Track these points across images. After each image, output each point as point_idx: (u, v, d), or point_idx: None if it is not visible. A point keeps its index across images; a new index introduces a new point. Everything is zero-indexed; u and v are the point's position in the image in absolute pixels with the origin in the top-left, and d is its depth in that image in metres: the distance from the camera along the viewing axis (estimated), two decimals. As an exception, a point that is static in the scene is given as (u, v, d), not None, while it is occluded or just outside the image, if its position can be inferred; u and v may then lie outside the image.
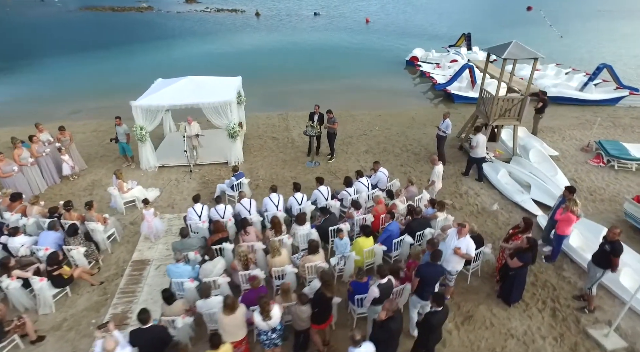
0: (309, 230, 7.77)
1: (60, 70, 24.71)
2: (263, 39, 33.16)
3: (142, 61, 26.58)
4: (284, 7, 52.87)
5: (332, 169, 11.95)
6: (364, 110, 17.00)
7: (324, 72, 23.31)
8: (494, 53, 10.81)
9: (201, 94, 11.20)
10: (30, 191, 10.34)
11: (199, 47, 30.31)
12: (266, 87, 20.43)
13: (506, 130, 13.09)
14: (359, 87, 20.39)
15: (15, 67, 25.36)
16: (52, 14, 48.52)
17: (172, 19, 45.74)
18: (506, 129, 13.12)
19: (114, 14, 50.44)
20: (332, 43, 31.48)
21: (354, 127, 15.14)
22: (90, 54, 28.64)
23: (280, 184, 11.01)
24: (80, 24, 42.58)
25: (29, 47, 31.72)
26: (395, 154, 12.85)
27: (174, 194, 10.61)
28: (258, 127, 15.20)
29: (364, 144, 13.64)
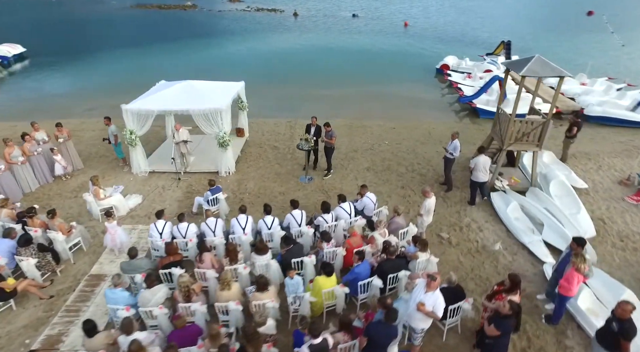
0: (268, 261, 7.03)
1: (96, 65, 25.60)
2: (295, 40, 32.72)
3: (174, 59, 27.00)
4: (323, 7, 52.26)
5: (325, 186, 11.11)
6: (379, 121, 15.95)
7: (348, 76, 22.40)
8: (512, 68, 9.47)
9: (193, 99, 10.76)
10: (19, 189, 10.41)
11: (231, 47, 30.40)
12: (283, 90, 19.91)
13: (529, 154, 11.59)
14: (380, 95, 19.31)
15: (57, 62, 26.59)
16: (105, 11, 51.05)
17: (213, 17, 46.57)
18: (530, 153, 11.62)
19: (160, 11, 52.23)
20: (364, 46, 30.41)
21: (362, 139, 14.16)
22: (128, 50, 29.46)
23: (267, 200, 10.37)
24: (129, 20, 44.39)
25: (75, 42, 33.34)
26: (398, 174, 11.77)
27: (156, 203, 10.26)
28: (262, 134, 14.64)
29: (368, 159, 12.65)
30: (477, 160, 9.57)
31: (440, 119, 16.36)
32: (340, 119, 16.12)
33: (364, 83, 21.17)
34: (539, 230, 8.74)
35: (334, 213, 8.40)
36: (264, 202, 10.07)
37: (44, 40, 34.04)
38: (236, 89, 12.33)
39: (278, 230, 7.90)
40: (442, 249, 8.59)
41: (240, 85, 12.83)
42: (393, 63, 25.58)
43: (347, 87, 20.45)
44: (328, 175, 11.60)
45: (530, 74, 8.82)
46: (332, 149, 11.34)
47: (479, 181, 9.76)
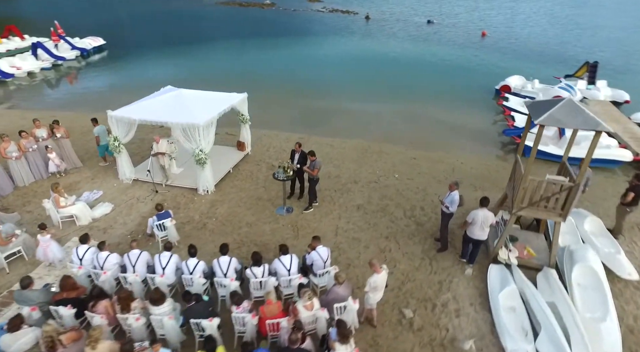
0: (166, 314, 6.07)
1: (166, 60, 27.06)
2: (354, 45, 31.33)
3: (231, 58, 27.58)
4: (398, 11, 49.81)
5: (299, 223, 9.82)
6: (401, 147, 14.09)
7: (391, 90, 20.54)
8: (530, 112, 7.23)
9: (176, 111, 10.21)
10: (10, 183, 10.82)
11: (285, 49, 30.13)
12: (311, 100, 18.83)
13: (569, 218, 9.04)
14: (416, 116, 17.24)
15: (132, 55, 28.68)
16: (192, 7, 54.50)
17: (286, 16, 47.04)
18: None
19: (240, 8, 54.31)
20: (424, 56, 27.95)
21: (371, 168, 12.51)
22: (199, 46, 30.83)
23: (231, 229, 9.48)
24: (209, 16, 46.79)
25: (154, 37, 35.85)
26: (392, 219, 10.01)
27: (123, 216, 9.91)
28: (267, 149, 13.74)
29: (365, 195, 11.04)
30: (476, 214, 7.66)
31: (476, 153, 13.91)
32: (357, 139, 14.60)
33: (404, 100, 19.17)
34: (536, 333, 6.54)
35: (272, 267, 7.15)
36: (227, 231, 9.40)
37: (125, 34, 37.24)
38: (232, 102, 11.56)
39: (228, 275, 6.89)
40: (396, 332, 6.86)
41: (240, 97, 12.06)
42: (449, 78, 22.97)
43: (382, 103, 18.67)
44: (309, 209, 10.28)
45: (550, 123, 6.61)
46: (315, 181, 10.00)
47: (474, 238, 7.82)
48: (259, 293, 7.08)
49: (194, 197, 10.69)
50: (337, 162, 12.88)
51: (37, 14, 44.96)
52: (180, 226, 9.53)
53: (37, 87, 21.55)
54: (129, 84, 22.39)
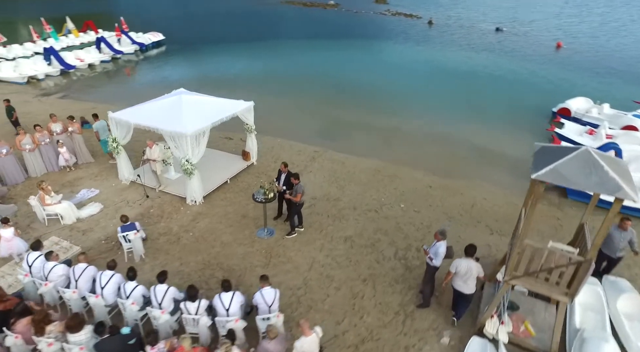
0: (81, 343, 5.69)
1: (219, 57, 27.96)
2: (405, 51, 29.66)
3: (283, 58, 27.61)
4: (466, 17, 46.47)
5: (275, 249, 9.05)
6: (420, 173, 12.70)
7: (430, 105, 18.88)
8: (535, 158, 5.72)
9: (170, 118, 9.97)
10: (22, 173, 11.38)
11: (340, 51, 29.39)
12: (340, 110, 17.89)
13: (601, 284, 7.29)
14: (449, 137, 15.53)
15: (187, 51, 29.96)
16: (256, 5, 55.93)
17: (348, 18, 46.27)
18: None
19: (304, 8, 54.54)
20: (482, 68, 25.52)
21: (377, 194, 11.35)
22: (254, 45, 31.47)
23: (204, 247, 9.03)
24: (270, 15, 47.62)
25: (213, 34, 37.18)
26: (379, 258, 8.86)
27: (107, 219, 9.90)
28: (275, 160, 13.13)
29: (360, 225, 9.95)
30: (459, 264, 6.56)
31: (505, 189, 12.03)
32: (374, 159, 13.45)
33: (441, 116, 17.47)
34: None
35: (213, 303, 6.49)
36: (199, 249, 8.95)
37: (185, 30, 38.98)
38: (234, 110, 11.10)
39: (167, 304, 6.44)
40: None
41: (244, 106, 11.58)
42: (502, 95, 20.62)
43: (416, 118, 17.15)
44: (291, 234, 9.47)
45: (552, 179, 5.14)
46: (297, 206, 9.15)
47: (458, 290, 6.61)
48: (195, 330, 6.47)
49: (181, 207, 10.41)
50: (342, 183, 11.89)
51: (121, 11, 48.93)
52: (155, 237, 9.30)
53: (90, 79, 23.11)
54: (176, 80, 23.18)
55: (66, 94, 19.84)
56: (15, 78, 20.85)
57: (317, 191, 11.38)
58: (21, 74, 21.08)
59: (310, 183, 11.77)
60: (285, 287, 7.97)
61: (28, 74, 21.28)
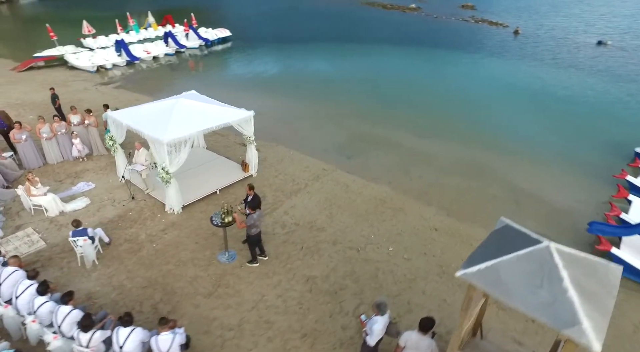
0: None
1: (284, 57, 28.02)
2: (475, 64, 26.72)
3: (342, 62, 26.91)
4: (562, 27, 40.60)
5: (227, 278, 8.29)
6: (431, 209, 11.01)
7: (473, 130, 16.42)
8: (484, 244, 4.12)
9: (156, 122, 9.75)
10: (39, 159, 12.12)
11: (399, 58, 27.64)
12: (367, 124, 16.48)
13: None
14: (484, 169, 13.31)
15: (252, 48, 30.65)
16: (335, 5, 55.55)
17: (426, 23, 43.65)
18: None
19: (384, 11, 52.77)
20: (561, 90, 21.82)
21: (367, 230, 9.99)
22: (319, 46, 31.07)
23: (159, 263, 8.64)
24: (347, 16, 46.89)
25: (283, 32, 37.58)
26: (331, 311, 7.63)
27: (87, 216, 10.01)
28: (277, 175, 12.37)
29: (331, 265, 8.77)
30: (409, 337, 5.35)
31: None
32: (383, 186, 12.04)
33: (481, 144, 15.05)
34: None
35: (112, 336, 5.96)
36: (152, 264, 8.58)
37: (255, 28, 39.89)
38: (228, 120, 10.55)
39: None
40: None
41: (242, 116, 10.97)
42: (574, 124, 17.32)
43: (449, 143, 15.00)
44: (252, 262, 8.64)
45: (481, 284, 3.61)
46: (250, 236, 8.24)
47: None
48: (89, 362, 6.00)
49: (159, 214, 10.17)
50: (335, 210, 10.72)
51: (203, 6, 52.08)
52: (120, 243, 9.15)
53: (148, 71, 24.46)
54: (226, 76, 23.78)
55: (121, 85, 21.23)
56: (87, 67, 22.90)
57: (304, 217, 10.37)
58: (93, 63, 23.09)
59: (302, 206, 10.81)
60: (217, 324, 7.22)
61: (98, 63, 23.23)
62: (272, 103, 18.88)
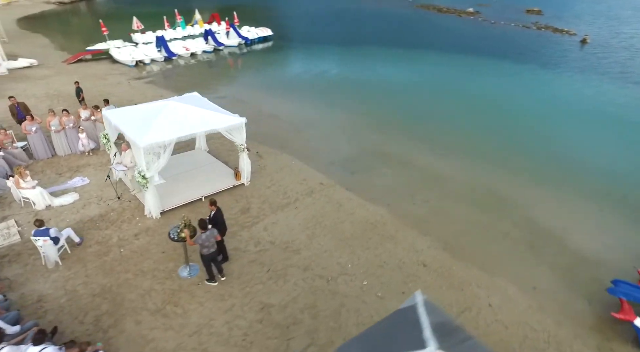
0: None
1: (320, 59, 27.66)
2: (521, 75, 24.32)
3: (384, 69, 25.88)
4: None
5: (179, 295, 7.87)
6: (425, 241, 9.86)
7: (499, 154, 14.70)
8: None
9: (141, 124, 9.59)
10: (48, 150, 12.59)
11: (442, 69, 25.97)
12: (387, 139, 15.34)
13: None
14: (502, 203, 11.73)
15: (291, 48, 30.57)
16: (387, 7, 54.01)
17: (482, 29, 40.93)
18: None
19: (438, 14, 50.38)
20: (623, 111, 19.10)
21: (346, 258, 9.11)
22: (360, 49, 30.28)
23: (117, 269, 8.45)
24: (395, 19, 45.37)
25: (324, 33, 37.13)
26: (275, 350, 6.90)
27: (70, 213, 10.11)
28: (270, 185, 11.81)
29: (293, 294, 8.04)
30: None
31: (537, 301, 8.33)
32: (379, 208, 11.05)
33: (506, 172, 13.34)
34: None
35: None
36: (113, 270, 8.39)
37: (299, 28, 39.76)
38: (216, 126, 10.16)
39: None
40: None
41: (232, 123, 10.50)
42: (628, 159, 14.93)
43: (469, 167, 13.45)
44: (211, 282, 8.15)
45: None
46: (203, 256, 7.72)
47: None
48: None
49: (137, 217, 10.03)
50: (319, 231, 9.94)
51: (257, 4, 53.01)
52: (90, 244, 9.10)
53: (182, 68, 24.98)
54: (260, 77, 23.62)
55: (153, 80, 21.86)
56: (127, 61, 23.93)
57: (282, 235, 9.72)
58: (133, 58, 24.08)
59: (284, 222, 10.16)
60: (151, 347, 6.83)
61: (137, 58, 24.18)
62: (292, 107, 18.45)
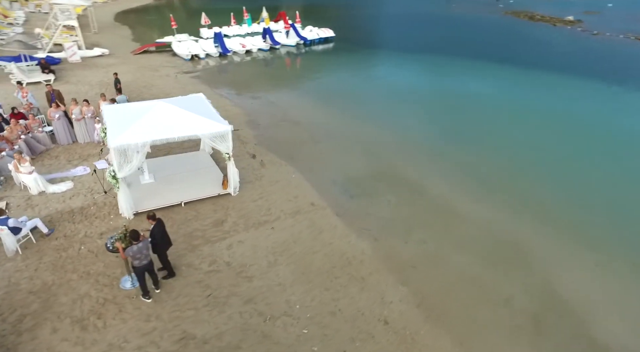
0: None
1: (381, 65, 26.55)
2: (615, 106, 20.39)
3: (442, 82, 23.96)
4: None
5: (107, 308, 7.52)
6: (401, 292, 8.37)
7: (546, 197, 12.25)
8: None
9: (124, 123, 9.55)
10: (69, 136, 13.38)
11: (518, 88, 23.10)
12: (405, 160, 13.68)
13: None
14: (518, 257, 9.63)
15: (350, 51, 29.73)
16: (475, 12, 50.03)
17: (579, 41, 35.80)
18: None
19: (528, 22, 45.28)
20: None
21: (297, 297, 8.05)
22: (425, 57, 28.52)
23: (67, 268, 8.46)
24: (480, 26, 41.87)
25: (397, 38, 35.49)
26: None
27: (58, 202, 10.42)
28: (259, 198, 11.11)
29: (222, 328, 7.25)
30: None
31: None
32: (364, 242, 9.78)
33: (538, 223, 10.99)
34: None
35: None
36: (63, 268, 8.43)
37: (365, 30, 38.40)
38: (197, 132, 9.75)
39: None
40: None
41: (215, 131, 10.01)
42: None
43: (492, 207, 11.34)
44: (145, 298, 7.71)
45: None
46: (133, 267, 7.26)
47: None
48: None
49: (112, 215, 10.03)
50: (283, 259, 9.01)
51: (318, 4, 52.65)
52: (58, 237, 9.28)
53: (232, 65, 25.51)
54: (304, 79, 23.12)
55: (199, 75, 22.52)
56: (183, 54, 25.05)
57: (242, 257, 8.97)
58: (190, 51, 25.13)
59: (252, 243, 9.41)
60: (54, 362, 6.54)
61: (194, 52, 25.18)
62: (320, 115, 17.58)
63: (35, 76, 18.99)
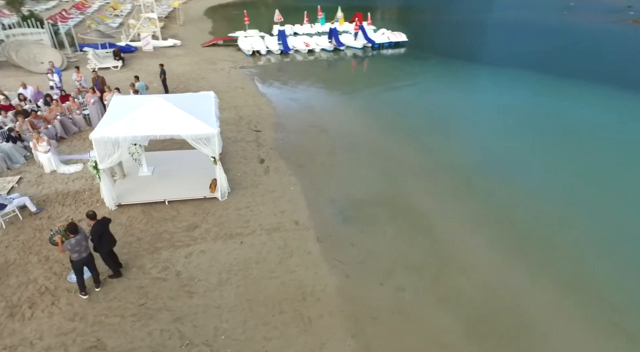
0: None
1: (444, 77, 24.48)
2: None
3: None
4: None
5: (42, 298, 7.55)
6: (346, 347, 7.07)
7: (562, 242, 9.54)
8: None
9: (114, 116, 9.69)
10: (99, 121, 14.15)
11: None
12: (420, 186, 11.93)
13: None
14: (515, 311, 7.54)
15: (422, 58, 27.85)
16: (599, 21, 43.39)
17: None
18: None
19: None
20: None
21: (232, 326, 7.25)
22: (510, 71, 25.66)
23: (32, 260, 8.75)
24: (591, 35, 36.21)
25: (483, 47, 32.34)
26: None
27: (63, 183, 11.02)
28: (239, 209, 10.48)
29: (140, 344, 6.79)
30: None
31: None
32: (331, 275, 8.60)
33: (560, 282, 8.55)
34: None
35: None
36: (26, 251, 8.77)
37: (448, 37, 35.37)
38: (180, 132, 9.45)
39: None
40: None
41: (200, 132, 9.59)
42: None
43: (504, 250, 9.12)
44: (81, 294, 7.62)
45: None
46: (70, 261, 7.12)
47: None
48: None
49: (99, 203, 10.24)
50: (236, 280, 8.27)
51: (396, 6, 49.89)
52: (42, 217, 9.71)
53: (292, 63, 25.23)
54: (353, 84, 21.96)
55: (252, 72, 22.69)
56: (245, 50, 25.60)
57: (196, 270, 8.45)
58: (252, 47, 25.60)
59: (212, 256, 8.85)
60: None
61: (256, 48, 25.58)
62: (355, 124, 16.39)
63: (107, 62, 20.89)
